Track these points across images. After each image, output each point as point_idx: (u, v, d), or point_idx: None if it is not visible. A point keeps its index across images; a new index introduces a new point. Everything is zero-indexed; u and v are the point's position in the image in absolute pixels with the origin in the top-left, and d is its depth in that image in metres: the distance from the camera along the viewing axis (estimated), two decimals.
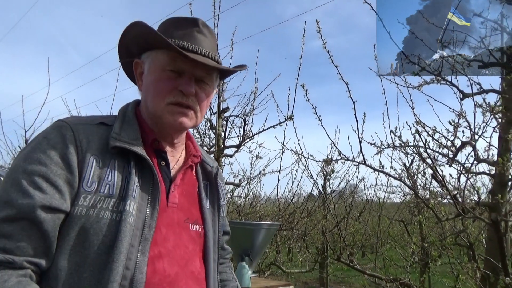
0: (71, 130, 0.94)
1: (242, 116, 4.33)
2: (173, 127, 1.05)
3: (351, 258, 4.26)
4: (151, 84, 1.04)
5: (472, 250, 3.46)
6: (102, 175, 0.93)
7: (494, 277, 2.90)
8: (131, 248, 0.89)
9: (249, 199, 5.85)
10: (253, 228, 2.84)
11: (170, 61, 1.02)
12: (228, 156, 4.44)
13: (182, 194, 1.07)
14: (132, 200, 0.92)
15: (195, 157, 1.14)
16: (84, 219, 0.88)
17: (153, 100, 1.03)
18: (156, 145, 1.05)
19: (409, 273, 3.90)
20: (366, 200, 7.20)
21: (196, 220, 1.08)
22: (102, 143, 0.96)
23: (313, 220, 6.15)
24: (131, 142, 0.98)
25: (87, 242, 0.87)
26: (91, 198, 0.90)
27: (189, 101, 1.03)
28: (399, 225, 6.77)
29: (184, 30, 1.05)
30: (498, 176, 3.06)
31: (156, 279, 0.92)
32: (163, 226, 0.98)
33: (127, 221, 0.90)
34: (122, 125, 1.01)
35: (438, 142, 3.28)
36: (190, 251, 1.03)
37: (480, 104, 3.00)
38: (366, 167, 3.15)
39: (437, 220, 3.40)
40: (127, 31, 1.04)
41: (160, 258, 0.94)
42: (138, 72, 1.10)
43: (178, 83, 1.02)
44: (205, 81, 1.07)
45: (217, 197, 1.18)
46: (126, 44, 1.08)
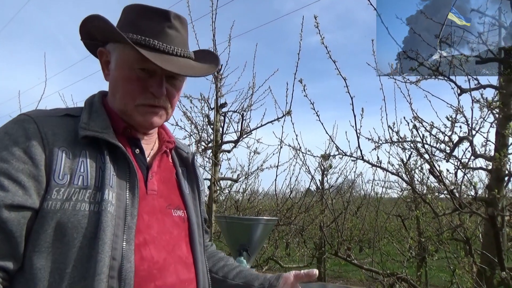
0: (34, 123, 0.90)
1: (240, 111, 4.33)
2: (144, 126, 1.03)
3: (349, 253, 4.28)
4: (120, 82, 0.99)
5: (468, 244, 3.48)
6: (74, 166, 0.89)
7: (490, 271, 2.92)
8: (115, 237, 0.86)
9: (247, 194, 5.86)
10: (251, 223, 2.84)
11: (139, 60, 0.96)
12: (226, 151, 4.44)
13: (161, 181, 1.05)
14: (110, 189, 0.89)
15: (169, 142, 1.12)
16: (60, 214, 0.84)
17: (123, 100, 0.99)
18: (128, 133, 1.02)
19: (406, 268, 3.92)
20: (364, 195, 7.22)
21: (177, 205, 1.06)
22: (70, 135, 0.92)
23: (310, 215, 6.17)
24: (102, 131, 0.94)
25: (66, 237, 0.84)
26: (64, 191, 0.86)
27: (161, 102, 1.00)
28: (397, 220, 6.80)
29: (152, 24, 0.98)
30: (495, 171, 3.07)
31: (145, 266, 0.90)
32: (145, 214, 0.95)
33: (108, 210, 0.87)
34: (90, 116, 0.97)
35: (435, 137, 3.29)
36: (175, 236, 1.01)
37: (478, 100, 3.02)
38: (363, 162, 3.16)
39: (434, 215, 3.41)
40: (85, 24, 0.99)
41: (146, 245, 0.92)
42: (103, 60, 1.05)
43: (148, 84, 0.98)
44: (176, 77, 1.03)
45: (196, 182, 1.16)
46: (88, 30, 1.02)
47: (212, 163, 4.28)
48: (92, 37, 1.04)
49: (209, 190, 4.33)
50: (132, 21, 0.99)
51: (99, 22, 0.96)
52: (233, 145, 4.40)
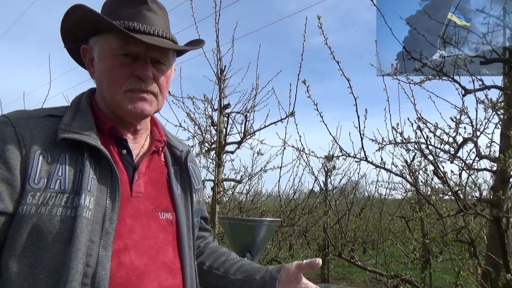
0: (12, 125, 0.87)
1: (244, 112, 4.33)
2: (134, 115, 0.99)
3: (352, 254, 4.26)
4: (104, 71, 0.97)
5: (473, 246, 3.46)
6: (51, 170, 0.86)
7: (495, 273, 2.90)
8: (91, 244, 0.84)
9: (251, 195, 5.85)
10: (254, 225, 2.84)
11: (121, 45, 0.95)
12: (229, 152, 4.44)
13: (149, 182, 1.02)
14: (88, 194, 0.87)
15: (159, 142, 1.08)
16: (35, 218, 0.82)
17: (109, 89, 0.97)
18: (114, 133, 1.00)
19: (410, 270, 3.90)
20: (368, 197, 7.20)
21: (166, 208, 1.03)
22: (49, 137, 0.90)
23: (314, 216, 6.15)
24: (83, 133, 0.91)
25: (41, 242, 0.82)
26: (40, 195, 0.84)
27: (148, 86, 0.98)
28: (400, 221, 6.78)
29: (131, 9, 0.97)
30: (499, 173, 3.05)
31: (122, 273, 0.88)
32: (128, 217, 0.93)
33: (83, 216, 0.84)
34: (74, 116, 0.95)
35: (439, 138, 3.28)
36: (160, 241, 0.98)
37: (482, 100, 3.00)
38: (367, 163, 3.15)
39: (438, 217, 3.40)
40: (68, 15, 0.97)
41: (126, 251, 0.90)
42: (87, 59, 1.03)
43: (133, 68, 0.96)
44: (162, 61, 1.00)
45: (189, 182, 1.12)
46: (70, 29, 1.00)
47: (215, 164, 4.28)
48: (74, 37, 1.02)
49: (212, 191, 4.33)
50: (112, 10, 0.98)
51: (82, 12, 0.94)
52: (237, 146, 4.40)
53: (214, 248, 1.27)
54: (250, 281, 1.12)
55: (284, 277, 1.10)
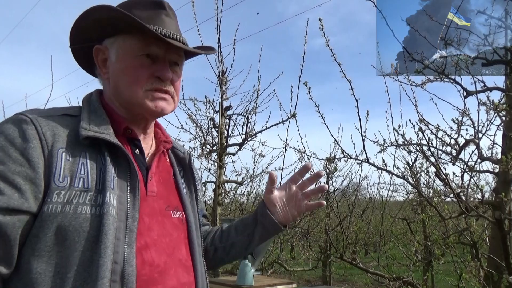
0: (32, 124, 0.87)
1: (245, 114, 4.34)
2: (154, 113, 1.02)
3: (354, 256, 4.25)
4: (124, 71, 0.98)
5: (475, 248, 3.45)
6: (74, 168, 0.87)
7: (498, 275, 2.89)
8: (117, 241, 0.85)
9: (252, 197, 5.85)
10: None
11: (143, 46, 0.97)
12: (231, 154, 4.44)
13: (160, 181, 1.04)
14: (112, 192, 0.88)
15: (166, 142, 1.11)
16: (60, 217, 0.82)
17: (129, 88, 0.98)
18: (129, 133, 1.01)
19: (412, 272, 3.89)
20: (369, 198, 7.20)
21: (176, 207, 1.05)
22: (69, 135, 0.90)
23: (316, 218, 6.15)
24: (103, 132, 0.92)
25: (67, 240, 0.82)
26: (65, 193, 0.84)
27: (167, 86, 1.01)
28: (402, 223, 6.77)
29: (150, 13, 0.99)
30: (501, 175, 3.04)
31: (146, 270, 0.89)
32: (146, 216, 0.94)
33: (110, 213, 0.85)
34: (89, 115, 0.95)
35: (441, 140, 3.27)
36: (175, 239, 1.00)
37: (484, 102, 2.99)
38: (369, 165, 3.14)
39: (440, 219, 3.39)
40: (88, 14, 0.97)
41: (147, 249, 0.91)
42: (100, 59, 1.03)
43: (153, 69, 0.99)
44: (178, 64, 1.05)
45: (193, 182, 1.15)
46: (84, 28, 1.01)
47: (217, 166, 4.28)
48: (87, 37, 1.03)
49: (214, 193, 4.33)
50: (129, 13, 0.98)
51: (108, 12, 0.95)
52: (238, 148, 4.40)
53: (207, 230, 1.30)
54: (252, 231, 1.19)
55: (273, 199, 1.18)
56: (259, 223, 1.17)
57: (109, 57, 1.02)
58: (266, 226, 1.17)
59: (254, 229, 1.18)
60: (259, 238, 1.19)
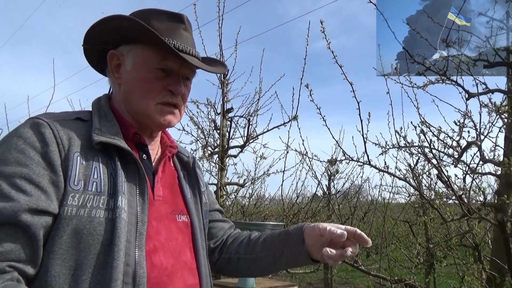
0: (49, 128, 0.89)
1: (246, 116, 4.35)
2: (161, 125, 1.05)
3: (356, 258, 4.24)
4: (138, 82, 1.00)
5: (478, 251, 3.44)
6: (88, 172, 0.89)
7: (500, 278, 2.87)
8: (128, 244, 0.87)
9: (254, 199, 5.84)
10: (257, 228, 2.82)
11: (159, 60, 0.99)
12: (232, 156, 4.45)
13: (165, 186, 1.06)
14: (123, 196, 0.90)
15: (171, 147, 1.13)
16: (75, 220, 0.84)
17: (141, 99, 1.00)
18: (137, 138, 1.03)
19: (414, 274, 3.88)
20: (371, 201, 7.17)
21: (181, 210, 1.07)
22: (83, 139, 0.92)
23: (317, 220, 6.13)
24: (113, 137, 0.94)
25: (81, 244, 0.84)
26: (79, 197, 0.86)
27: (177, 99, 1.03)
28: (404, 225, 6.74)
29: (169, 25, 1.01)
30: (504, 177, 3.03)
31: (155, 273, 0.91)
32: (153, 220, 0.96)
33: (122, 217, 0.87)
34: (100, 120, 0.97)
35: (443, 142, 3.26)
36: (180, 242, 1.02)
37: (486, 104, 2.98)
38: (370, 167, 3.13)
39: (442, 221, 3.37)
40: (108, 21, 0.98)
41: (156, 252, 0.94)
42: (113, 64, 1.05)
43: (167, 82, 1.00)
44: (189, 78, 1.08)
45: (197, 186, 1.16)
46: (102, 32, 1.02)
47: (218, 168, 4.28)
48: (102, 40, 1.04)
49: (215, 195, 4.33)
50: (148, 24, 0.99)
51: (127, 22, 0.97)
52: (240, 150, 4.41)
53: (235, 235, 1.27)
54: (280, 251, 1.11)
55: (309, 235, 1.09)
56: (289, 245, 1.10)
57: (123, 64, 1.03)
58: (296, 252, 1.09)
59: (283, 250, 1.11)
60: (285, 261, 1.12)
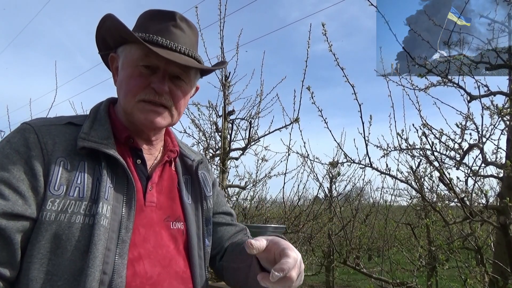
0: (35, 133, 0.89)
1: (248, 118, 4.34)
2: (145, 125, 1.01)
3: (358, 261, 4.23)
4: (124, 80, 0.99)
5: (480, 253, 3.42)
6: (71, 177, 0.88)
7: (503, 281, 2.86)
8: (108, 251, 0.85)
9: (255, 201, 5.83)
10: (259, 231, 2.83)
11: (143, 57, 0.97)
12: (234, 158, 4.44)
13: (161, 191, 1.03)
14: (105, 202, 0.88)
15: (171, 152, 1.10)
16: (55, 225, 0.84)
17: (125, 97, 0.99)
18: (131, 142, 1.01)
19: (416, 277, 3.86)
20: (373, 203, 7.17)
21: (177, 217, 1.03)
22: (69, 144, 0.92)
23: (319, 223, 6.12)
24: (101, 142, 0.93)
25: (59, 249, 0.83)
26: (59, 202, 0.85)
27: (162, 99, 0.98)
28: (406, 228, 6.72)
29: (160, 25, 0.99)
30: (506, 179, 3.03)
31: (137, 282, 0.89)
32: (142, 227, 0.94)
33: (101, 224, 0.86)
34: (92, 125, 0.97)
35: (445, 144, 3.26)
36: (172, 250, 0.99)
37: (488, 106, 2.98)
38: (372, 170, 3.13)
39: (444, 224, 3.36)
40: (101, 24, 1.00)
41: (140, 260, 0.91)
42: (114, 67, 1.06)
43: (150, 80, 0.98)
44: (182, 78, 1.02)
45: (200, 191, 1.12)
46: (103, 36, 1.04)
47: (219, 170, 4.28)
48: (107, 45, 1.05)
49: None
50: (141, 24, 1.01)
51: (110, 22, 0.97)
52: (241, 153, 4.40)
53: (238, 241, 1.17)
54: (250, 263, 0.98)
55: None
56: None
57: (118, 65, 1.03)
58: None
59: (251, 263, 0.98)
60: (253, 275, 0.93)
